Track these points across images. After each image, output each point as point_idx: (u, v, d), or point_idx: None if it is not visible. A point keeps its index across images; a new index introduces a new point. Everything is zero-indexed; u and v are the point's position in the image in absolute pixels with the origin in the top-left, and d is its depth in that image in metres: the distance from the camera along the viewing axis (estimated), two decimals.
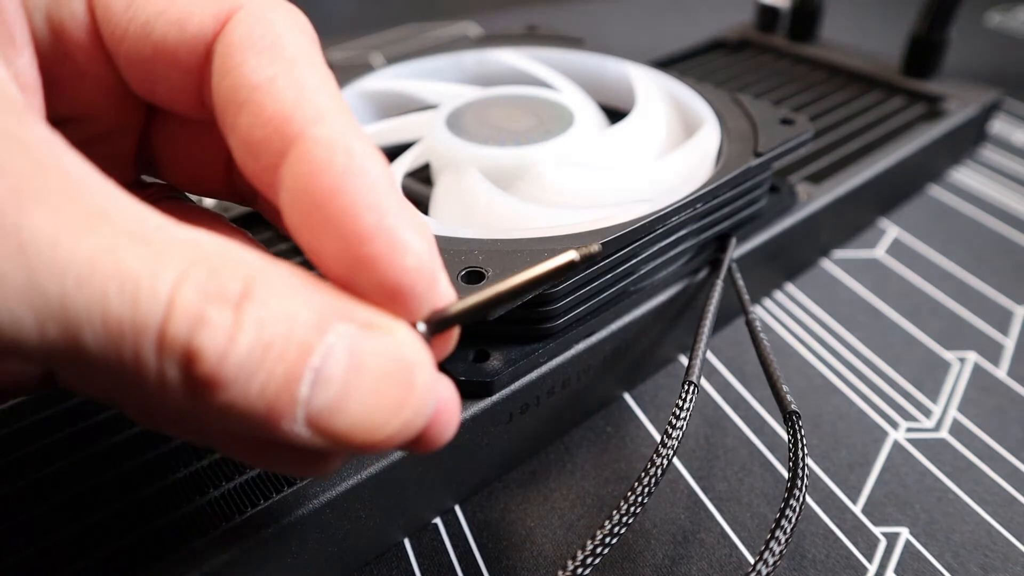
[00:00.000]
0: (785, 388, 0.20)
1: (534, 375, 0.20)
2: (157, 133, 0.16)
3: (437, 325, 0.12)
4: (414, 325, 0.12)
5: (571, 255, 0.13)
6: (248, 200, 0.17)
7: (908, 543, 0.20)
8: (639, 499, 0.17)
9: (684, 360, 0.26)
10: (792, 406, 0.19)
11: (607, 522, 0.16)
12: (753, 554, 0.20)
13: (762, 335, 0.22)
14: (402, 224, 0.12)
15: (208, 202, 0.20)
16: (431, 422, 0.12)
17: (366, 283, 0.12)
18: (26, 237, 0.09)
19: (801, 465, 0.18)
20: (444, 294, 0.13)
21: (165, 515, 0.17)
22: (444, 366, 0.19)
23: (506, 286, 0.13)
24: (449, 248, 0.19)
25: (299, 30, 0.13)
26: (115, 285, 0.09)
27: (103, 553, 0.16)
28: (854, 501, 0.21)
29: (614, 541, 0.16)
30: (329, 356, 0.11)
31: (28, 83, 0.12)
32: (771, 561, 0.16)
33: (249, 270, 0.10)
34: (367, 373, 0.11)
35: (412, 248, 0.12)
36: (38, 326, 0.09)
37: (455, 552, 0.20)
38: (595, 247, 0.13)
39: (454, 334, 0.14)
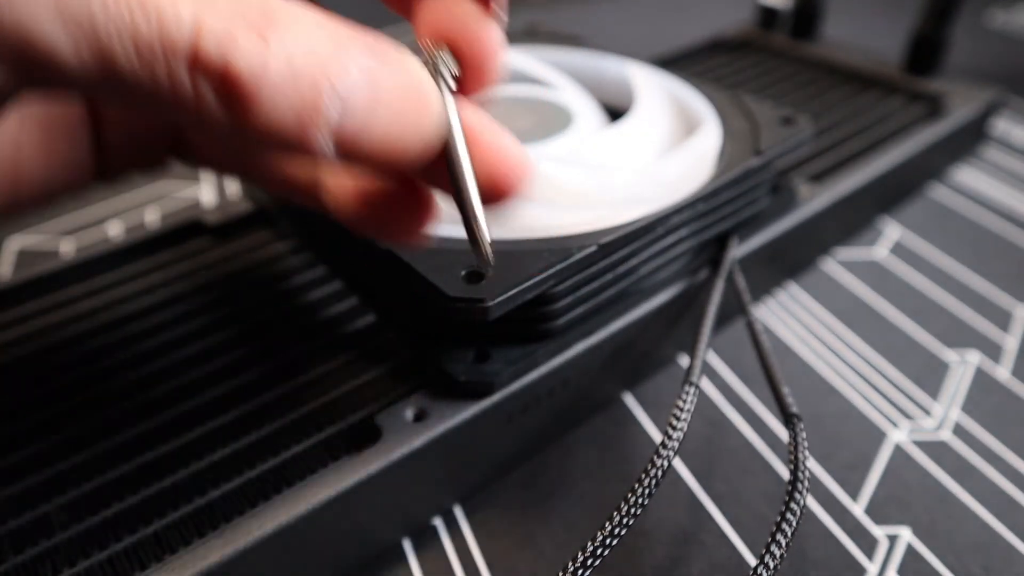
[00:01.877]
0: (786, 390, 0.20)
1: (534, 375, 0.20)
2: None
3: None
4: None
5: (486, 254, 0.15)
6: None
7: (909, 544, 0.20)
8: (639, 500, 0.17)
9: (684, 360, 0.26)
10: (793, 408, 0.19)
11: (607, 523, 0.16)
12: (754, 555, 0.20)
13: (763, 337, 0.21)
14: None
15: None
16: None
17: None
18: None
19: (802, 468, 0.18)
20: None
21: (165, 516, 0.17)
22: (444, 368, 0.19)
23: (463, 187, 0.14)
24: (449, 248, 0.19)
25: None
26: (139, 11, 0.10)
27: (104, 554, 0.16)
28: (855, 501, 0.21)
29: (614, 542, 0.16)
30: (353, 85, 0.12)
31: None
32: (772, 564, 0.16)
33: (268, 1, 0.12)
34: (385, 99, 0.12)
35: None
36: (74, 47, 0.10)
37: (455, 552, 0.20)
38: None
39: None
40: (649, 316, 0.23)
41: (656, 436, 0.23)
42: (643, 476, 0.17)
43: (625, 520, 0.16)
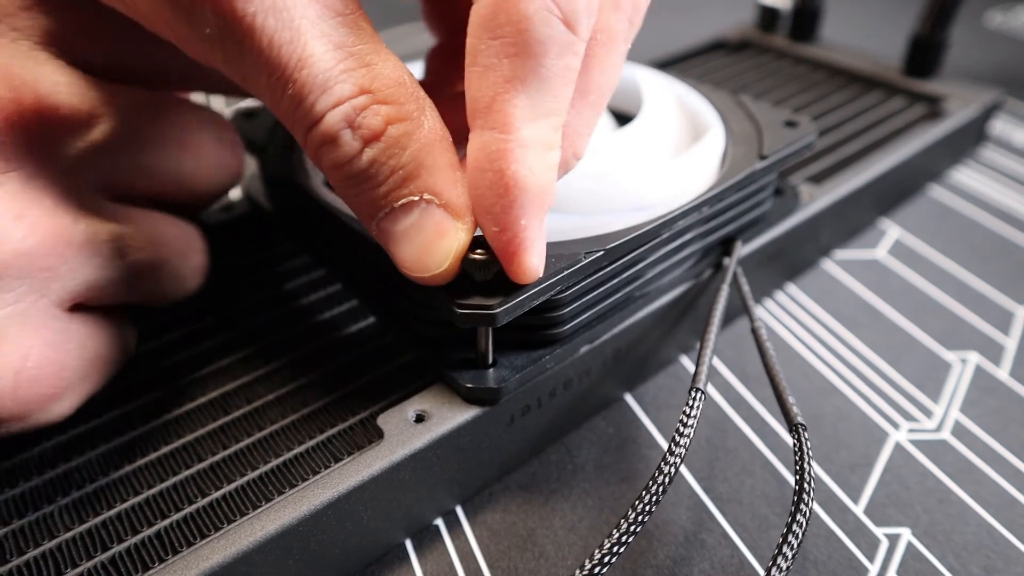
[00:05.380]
0: (791, 400, 0.19)
1: (537, 378, 0.20)
2: None
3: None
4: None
5: None
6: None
7: (910, 544, 0.20)
8: (646, 508, 0.16)
9: (685, 360, 0.26)
10: (798, 418, 0.19)
11: (615, 531, 0.16)
12: (755, 555, 0.20)
13: (768, 344, 0.21)
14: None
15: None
16: None
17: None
18: None
19: (808, 478, 0.18)
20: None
21: (167, 516, 0.17)
22: (451, 373, 0.19)
23: None
24: None
25: None
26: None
27: (106, 554, 0.16)
28: (856, 502, 0.21)
29: (621, 550, 0.16)
30: (408, 211, 0.16)
31: None
32: None
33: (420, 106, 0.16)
34: (415, 237, 0.16)
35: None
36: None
37: (456, 553, 0.20)
38: None
39: None
40: (652, 319, 0.23)
41: (657, 436, 0.23)
42: (650, 483, 0.17)
43: (632, 528, 0.16)
